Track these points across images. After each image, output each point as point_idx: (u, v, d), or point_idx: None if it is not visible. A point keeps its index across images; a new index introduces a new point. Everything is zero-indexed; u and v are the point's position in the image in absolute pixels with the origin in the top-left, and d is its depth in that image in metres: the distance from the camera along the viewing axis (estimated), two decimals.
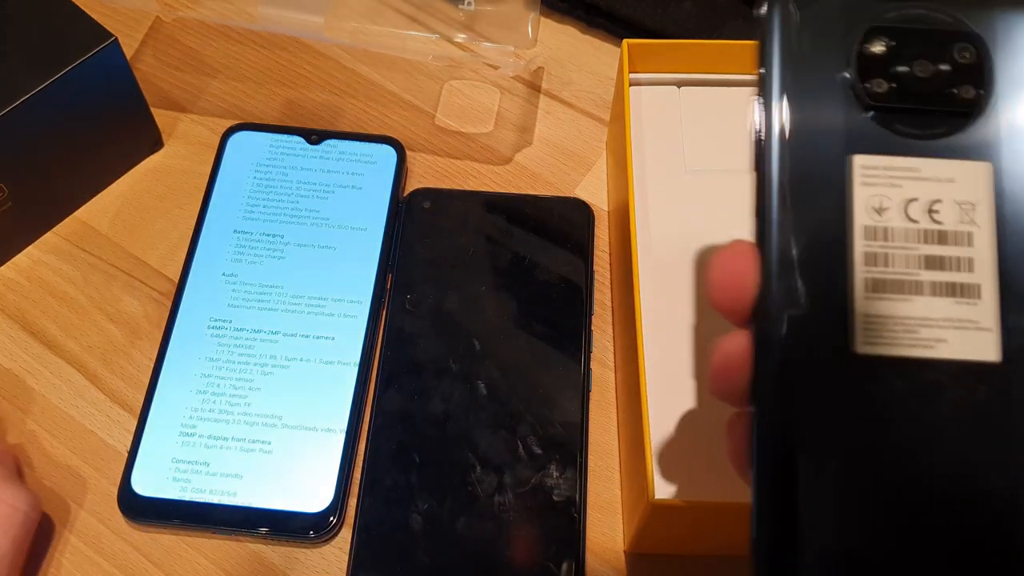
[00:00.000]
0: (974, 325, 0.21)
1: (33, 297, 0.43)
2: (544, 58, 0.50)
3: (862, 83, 0.22)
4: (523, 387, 0.39)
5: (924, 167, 0.22)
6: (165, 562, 0.37)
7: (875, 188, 0.22)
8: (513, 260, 0.43)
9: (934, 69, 0.22)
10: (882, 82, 0.22)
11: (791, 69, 0.23)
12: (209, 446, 0.38)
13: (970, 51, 0.22)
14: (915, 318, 0.22)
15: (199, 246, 0.43)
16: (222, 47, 0.50)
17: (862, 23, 0.23)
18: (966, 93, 0.22)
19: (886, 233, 0.22)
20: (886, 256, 0.22)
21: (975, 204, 0.22)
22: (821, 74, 0.23)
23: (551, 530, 0.36)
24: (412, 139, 0.47)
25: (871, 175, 0.22)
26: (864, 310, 0.22)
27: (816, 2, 0.23)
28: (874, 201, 0.22)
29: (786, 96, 0.23)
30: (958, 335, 0.21)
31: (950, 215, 0.22)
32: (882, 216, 0.22)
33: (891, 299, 0.22)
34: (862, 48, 0.23)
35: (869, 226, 0.22)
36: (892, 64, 0.22)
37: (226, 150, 0.46)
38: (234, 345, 0.40)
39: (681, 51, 0.41)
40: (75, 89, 0.40)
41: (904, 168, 0.22)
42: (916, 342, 0.21)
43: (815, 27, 0.23)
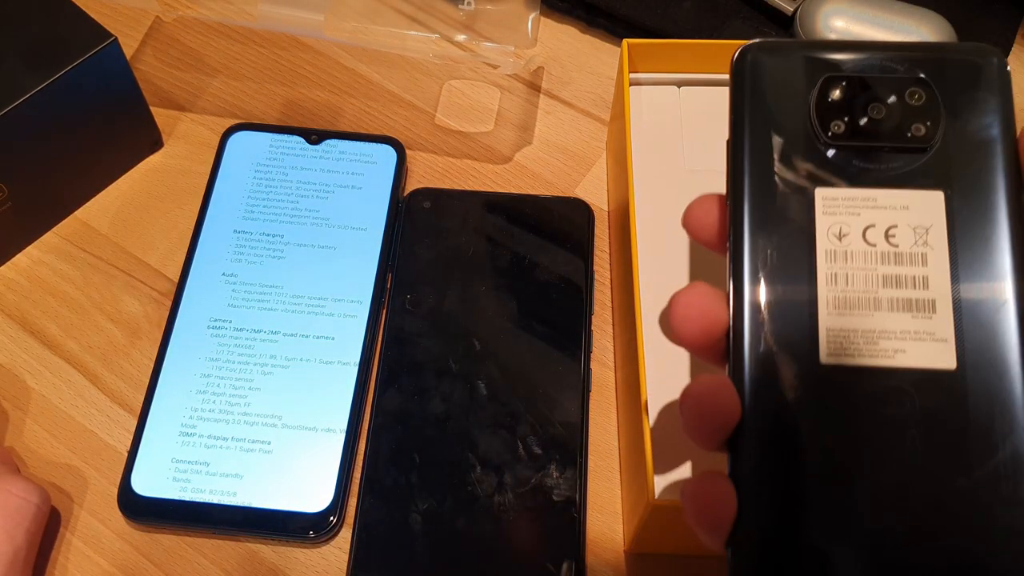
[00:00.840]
0: (931, 336, 0.24)
1: (33, 297, 0.43)
2: (544, 58, 0.50)
3: (823, 125, 0.25)
4: (523, 387, 0.39)
5: (881, 197, 0.25)
6: (165, 562, 0.37)
7: (836, 216, 0.25)
8: (513, 260, 0.43)
9: (887, 111, 0.25)
10: (840, 124, 0.25)
11: (760, 112, 0.25)
12: (209, 446, 0.38)
13: (919, 94, 0.25)
14: (875, 331, 0.24)
15: (199, 246, 0.43)
16: (222, 47, 0.50)
17: (821, 71, 0.25)
18: (917, 131, 0.25)
19: (846, 256, 0.24)
20: (847, 276, 0.24)
21: (928, 228, 0.24)
22: (787, 116, 0.25)
23: (551, 530, 0.36)
24: (412, 139, 0.47)
25: (832, 205, 0.25)
26: (828, 325, 0.24)
27: (780, 53, 0.26)
28: (835, 228, 0.24)
29: (755, 136, 0.25)
30: (916, 346, 0.24)
31: (905, 238, 0.24)
32: (842, 241, 0.24)
33: (853, 315, 0.24)
34: (821, 94, 0.25)
35: (830, 250, 0.24)
36: (849, 107, 0.25)
37: (226, 150, 0.46)
38: (234, 345, 0.40)
39: (681, 51, 0.41)
40: (75, 89, 0.40)
41: (862, 198, 0.25)
42: (877, 352, 0.24)
43: (780, 75, 0.26)
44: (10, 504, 0.34)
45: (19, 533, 0.34)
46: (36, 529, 0.35)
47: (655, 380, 0.35)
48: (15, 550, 0.33)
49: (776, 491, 0.23)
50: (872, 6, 0.45)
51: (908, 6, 0.45)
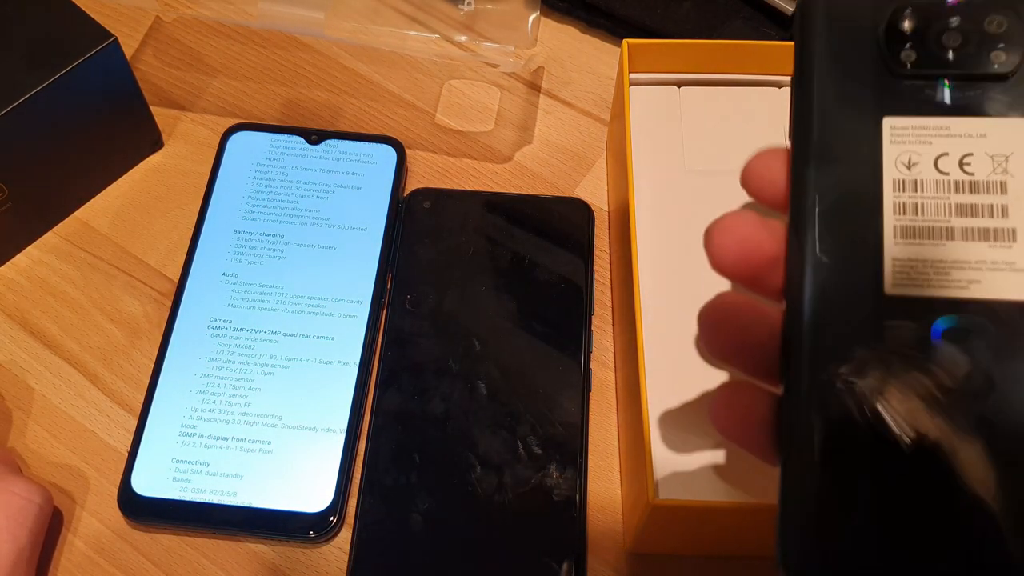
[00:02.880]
0: (1010, 267, 0.22)
1: (33, 297, 0.43)
2: (544, 58, 0.50)
3: (893, 55, 0.24)
4: (523, 387, 0.39)
5: (955, 125, 0.23)
6: (165, 562, 0.37)
7: (905, 146, 0.23)
8: (513, 260, 0.43)
9: (963, 39, 0.23)
10: (912, 53, 0.23)
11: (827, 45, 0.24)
12: (209, 446, 0.38)
13: (998, 21, 0.23)
14: (947, 261, 0.22)
15: (199, 246, 0.43)
16: (222, 46, 0.50)
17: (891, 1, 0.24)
18: (997, 59, 0.23)
19: (916, 185, 0.23)
20: (916, 205, 0.23)
21: (1008, 156, 0.23)
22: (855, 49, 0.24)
23: (551, 530, 0.37)
24: (412, 139, 0.47)
25: (901, 134, 0.23)
26: (895, 255, 0.22)
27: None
28: (903, 157, 0.23)
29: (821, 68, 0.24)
30: (993, 276, 0.22)
31: (982, 167, 0.23)
32: (911, 170, 0.23)
33: (922, 244, 0.22)
34: (892, 23, 0.24)
35: (898, 179, 0.23)
36: (923, 36, 0.23)
37: (226, 150, 0.46)
38: (234, 345, 0.40)
39: (681, 51, 0.41)
40: (75, 89, 0.40)
41: (934, 127, 0.23)
42: (949, 283, 0.22)
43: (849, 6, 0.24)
44: (13, 504, 0.34)
45: (22, 533, 0.34)
46: (39, 529, 0.35)
47: (655, 380, 0.35)
48: (18, 550, 0.33)
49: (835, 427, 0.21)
50: None
51: None
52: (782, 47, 0.41)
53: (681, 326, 0.36)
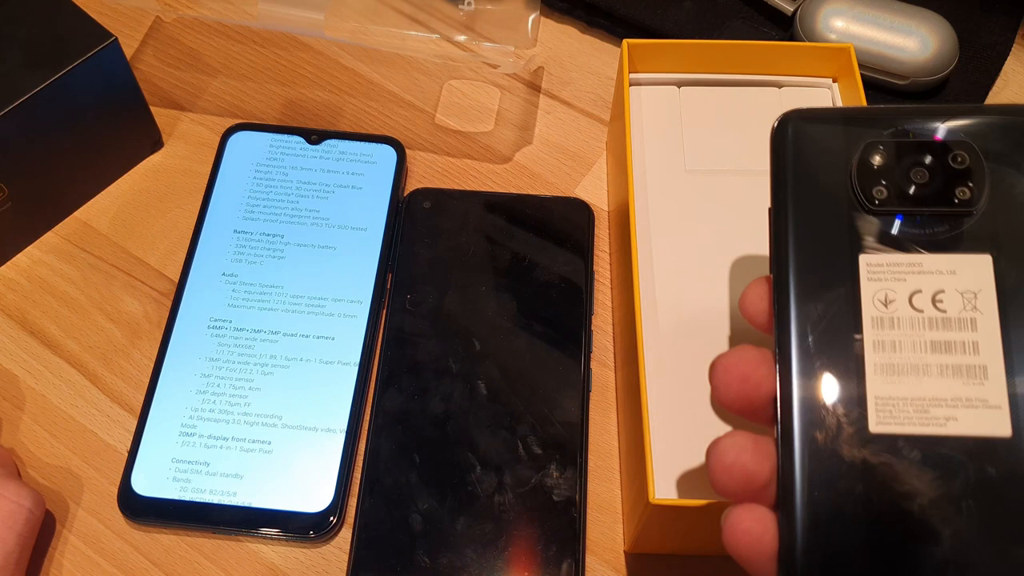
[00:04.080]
0: (983, 403, 0.23)
1: (33, 297, 0.43)
2: (544, 58, 0.50)
3: (865, 191, 0.25)
4: (523, 387, 0.39)
5: (926, 262, 0.24)
6: (165, 562, 0.37)
7: (881, 283, 0.24)
8: (513, 260, 0.43)
9: (930, 175, 0.25)
10: (882, 189, 0.25)
11: (801, 180, 0.25)
12: (209, 446, 0.38)
13: (962, 156, 0.25)
14: (926, 398, 0.23)
15: (199, 246, 0.43)
16: (222, 47, 0.50)
17: (862, 138, 0.25)
18: (962, 195, 0.24)
19: (893, 322, 0.24)
20: (894, 343, 0.24)
21: (976, 292, 0.24)
22: (829, 184, 0.25)
23: (551, 530, 0.37)
24: (412, 139, 0.47)
25: (877, 271, 0.24)
26: (877, 393, 0.23)
27: (820, 121, 0.26)
28: (880, 294, 0.24)
29: (797, 205, 0.25)
30: (968, 413, 0.23)
31: (953, 304, 0.24)
32: (888, 308, 0.24)
33: (902, 382, 0.23)
34: (862, 160, 0.25)
35: (876, 317, 0.24)
36: (891, 173, 0.25)
37: (226, 150, 0.46)
38: (234, 345, 0.40)
39: (681, 51, 0.41)
40: (75, 89, 0.40)
41: (907, 264, 0.24)
42: (928, 421, 0.23)
43: (820, 143, 0.25)
44: (2, 508, 0.34)
45: (10, 537, 0.34)
46: (29, 533, 0.35)
47: (655, 380, 0.35)
48: (6, 554, 0.33)
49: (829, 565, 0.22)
50: (872, 6, 0.45)
51: (908, 6, 0.45)
52: (782, 47, 0.41)
53: (681, 326, 0.36)
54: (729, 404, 0.25)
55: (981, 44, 0.47)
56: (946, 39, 0.45)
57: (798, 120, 0.26)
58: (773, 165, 0.26)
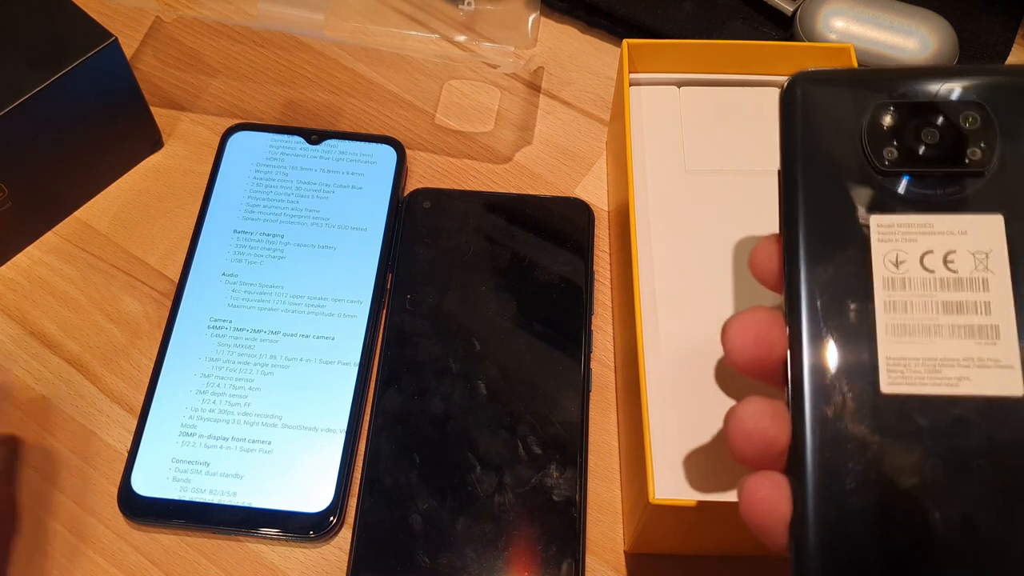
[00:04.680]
0: (995, 363, 0.23)
1: (33, 297, 0.43)
2: (544, 58, 0.50)
3: (875, 152, 0.25)
4: (523, 387, 0.39)
5: (937, 223, 0.24)
6: (165, 562, 0.37)
7: (892, 243, 0.24)
8: (513, 260, 0.43)
9: (940, 136, 0.24)
10: (893, 150, 0.24)
11: (810, 142, 0.25)
12: (209, 446, 0.38)
13: (973, 117, 0.24)
14: (937, 359, 0.23)
15: (199, 246, 0.43)
16: (222, 47, 0.50)
17: (872, 99, 0.25)
18: (973, 155, 0.24)
19: (904, 283, 0.24)
20: (905, 304, 0.24)
21: (988, 253, 0.24)
22: (838, 146, 0.25)
23: (551, 530, 0.37)
24: (412, 139, 0.47)
25: (887, 232, 0.24)
26: (888, 354, 0.23)
27: (829, 83, 0.26)
28: (891, 255, 0.24)
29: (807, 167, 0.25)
30: (980, 373, 0.23)
31: (965, 264, 0.24)
32: (899, 268, 0.24)
33: (913, 343, 0.23)
34: (873, 121, 0.25)
35: (887, 277, 0.24)
36: (902, 134, 0.25)
37: (226, 150, 0.46)
38: (234, 345, 0.40)
39: (681, 51, 0.41)
40: (75, 89, 0.40)
41: (919, 224, 0.24)
42: (940, 381, 0.23)
43: (830, 105, 0.25)
44: None
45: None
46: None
47: (655, 380, 0.35)
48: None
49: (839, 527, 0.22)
50: (872, 6, 0.45)
51: (908, 6, 0.45)
52: (782, 47, 0.41)
53: (682, 326, 0.36)
54: (742, 366, 0.25)
55: (981, 44, 0.47)
56: (946, 39, 0.45)
57: (807, 81, 0.26)
58: (782, 126, 0.25)
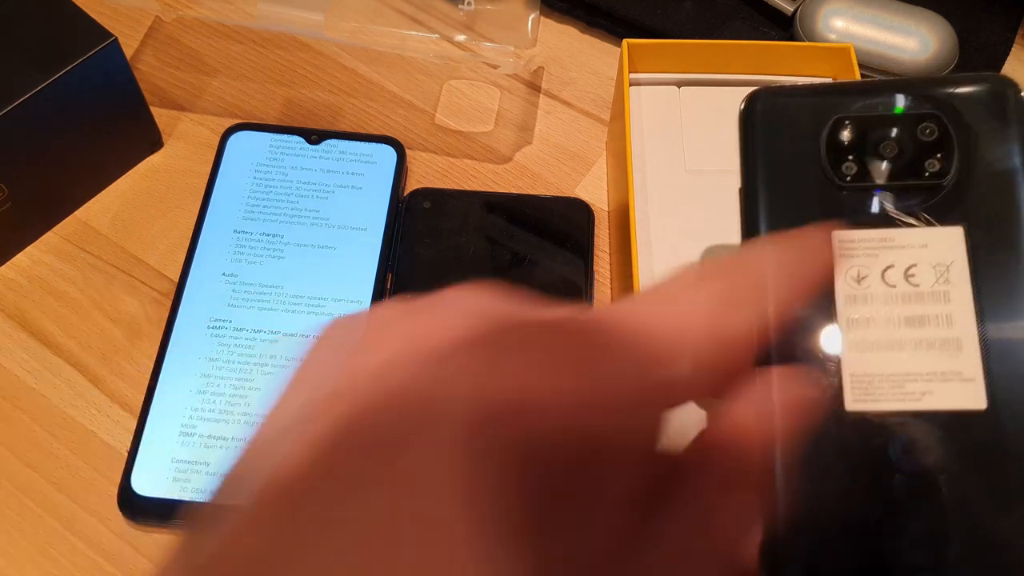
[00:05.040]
0: (957, 376, 0.23)
1: (33, 297, 0.43)
2: (544, 58, 0.50)
3: (835, 167, 0.25)
4: None
5: (898, 236, 0.24)
6: None
7: (854, 259, 0.24)
8: (513, 260, 0.43)
9: (899, 148, 0.24)
10: (852, 164, 0.24)
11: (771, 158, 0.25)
12: (209, 446, 0.38)
13: (931, 129, 0.24)
14: (900, 374, 0.23)
15: (199, 246, 0.43)
16: (222, 47, 0.50)
17: (830, 114, 0.25)
18: (931, 167, 0.24)
19: (866, 299, 0.24)
20: (868, 319, 0.24)
21: (949, 265, 0.24)
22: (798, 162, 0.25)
23: None
24: (412, 139, 0.47)
25: (849, 248, 0.24)
26: (852, 371, 0.23)
27: (788, 99, 0.26)
28: (853, 271, 0.24)
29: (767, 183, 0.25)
30: (943, 387, 0.23)
31: (926, 277, 0.24)
32: (861, 284, 0.24)
33: (877, 358, 0.23)
34: (831, 136, 0.25)
35: (849, 294, 0.24)
36: (860, 148, 0.25)
37: (226, 150, 0.46)
38: (234, 345, 0.40)
39: (681, 51, 0.41)
40: (75, 89, 0.40)
41: (879, 239, 0.24)
42: (904, 396, 0.23)
43: (789, 121, 0.25)
44: None
45: None
46: None
47: None
48: None
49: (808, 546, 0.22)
50: (872, 6, 0.45)
51: (908, 6, 0.45)
52: (782, 47, 0.41)
53: None
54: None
55: (981, 44, 0.47)
56: (946, 39, 0.45)
57: (766, 97, 0.26)
58: (742, 143, 0.26)
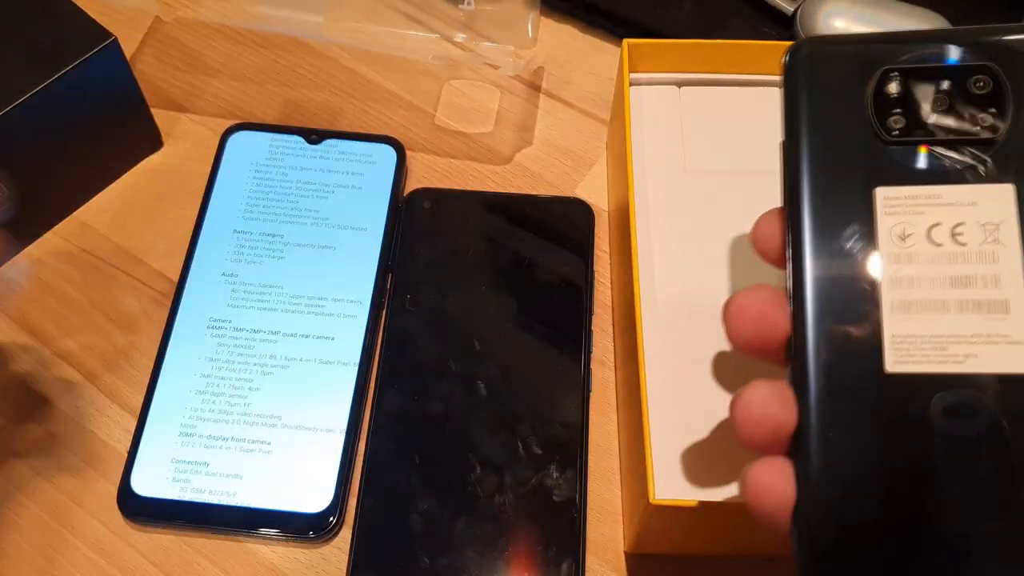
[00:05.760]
0: (1005, 339, 0.22)
1: (33, 297, 0.43)
2: (544, 58, 0.50)
3: (881, 121, 0.24)
4: (523, 387, 0.39)
5: (945, 194, 0.23)
6: (165, 562, 0.37)
7: (898, 216, 0.23)
8: (513, 260, 0.43)
9: (950, 102, 0.23)
10: (900, 119, 0.23)
11: (814, 110, 0.24)
12: (209, 446, 0.38)
13: (984, 81, 0.23)
14: (944, 335, 0.22)
15: (199, 246, 0.43)
16: (222, 47, 0.50)
17: (878, 65, 0.24)
18: (983, 122, 0.23)
19: (911, 257, 0.23)
20: (911, 279, 0.23)
21: (999, 224, 0.23)
22: (843, 115, 0.24)
23: (551, 530, 0.36)
24: (412, 139, 0.47)
25: (894, 205, 0.23)
26: (893, 331, 0.22)
27: (834, 49, 0.25)
28: (897, 229, 0.23)
29: (811, 136, 0.24)
30: (989, 349, 0.22)
31: (974, 236, 0.23)
32: (906, 242, 0.23)
33: (919, 319, 0.22)
34: (879, 89, 0.24)
35: (893, 252, 0.23)
36: (909, 101, 0.24)
37: (226, 150, 0.46)
38: (234, 345, 0.40)
39: (681, 51, 0.41)
40: (75, 89, 0.40)
41: (926, 196, 0.23)
42: (947, 359, 0.22)
43: (835, 72, 0.24)
44: None
45: None
46: None
47: (655, 380, 0.35)
48: None
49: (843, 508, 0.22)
50: (872, 6, 0.45)
51: (908, 6, 0.45)
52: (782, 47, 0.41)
53: (682, 326, 0.36)
54: (743, 344, 0.24)
55: None
56: None
57: (811, 46, 0.25)
58: (785, 94, 0.25)
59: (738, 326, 0.24)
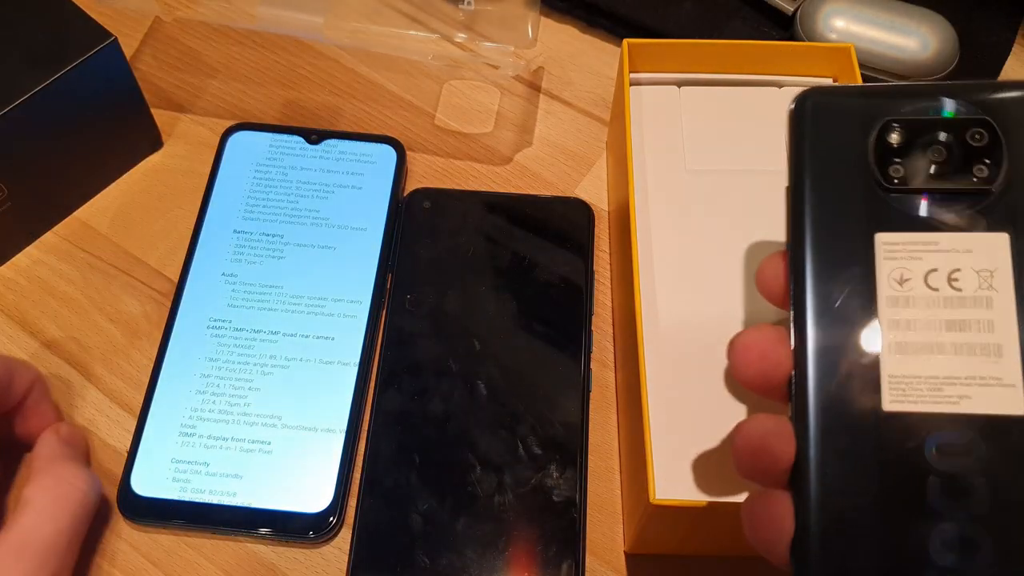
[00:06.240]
0: (997, 381, 0.23)
1: (33, 297, 0.43)
2: (544, 58, 0.50)
3: (882, 170, 0.25)
4: (523, 387, 0.39)
5: (943, 240, 0.24)
6: (165, 562, 0.37)
7: (897, 261, 0.24)
8: (513, 260, 0.43)
9: (947, 153, 0.24)
10: (900, 168, 0.25)
11: (819, 158, 0.25)
12: (209, 446, 0.38)
13: (980, 134, 0.24)
14: (939, 377, 0.23)
15: (199, 246, 0.43)
16: (222, 47, 0.50)
17: (880, 116, 0.25)
18: (979, 172, 0.24)
19: (908, 301, 0.24)
20: (909, 322, 0.24)
21: (993, 271, 0.24)
22: (846, 163, 0.25)
23: (551, 530, 0.36)
24: (412, 139, 0.47)
25: (893, 250, 0.24)
26: (891, 371, 0.23)
27: (838, 100, 0.26)
28: (896, 273, 0.24)
29: (815, 183, 0.25)
30: (982, 391, 0.23)
31: (969, 282, 0.24)
32: (904, 287, 0.24)
33: (916, 361, 0.23)
34: (880, 139, 0.25)
35: (891, 296, 0.24)
36: (908, 151, 0.25)
37: (226, 150, 0.46)
38: (234, 345, 0.40)
39: (681, 51, 0.41)
40: (75, 89, 0.40)
41: (923, 242, 0.24)
42: (942, 399, 0.23)
43: (838, 122, 0.25)
44: (58, 488, 0.34)
45: (64, 516, 0.33)
46: (83, 516, 0.34)
47: (655, 380, 0.35)
48: (57, 532, 0.33)
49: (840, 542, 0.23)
50: (872, 6, 0.45)
51: (908, 6, 0.45)
52: (782, 47, 0.41)
53: (681, 326, 0.36)
54: (747, 382, 0.25)
55: (981, 44, 0.47)
56: (946, 39, 0.45)
57: (817, 97, 0.26)
58: (791, 142, 0.26)
59: (742, 363, 0.25)
